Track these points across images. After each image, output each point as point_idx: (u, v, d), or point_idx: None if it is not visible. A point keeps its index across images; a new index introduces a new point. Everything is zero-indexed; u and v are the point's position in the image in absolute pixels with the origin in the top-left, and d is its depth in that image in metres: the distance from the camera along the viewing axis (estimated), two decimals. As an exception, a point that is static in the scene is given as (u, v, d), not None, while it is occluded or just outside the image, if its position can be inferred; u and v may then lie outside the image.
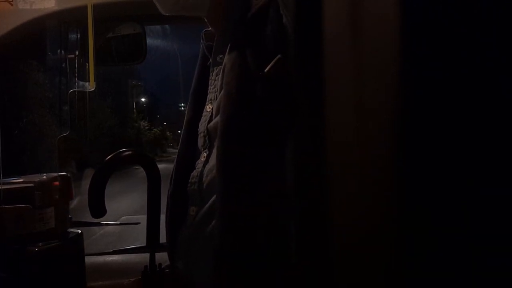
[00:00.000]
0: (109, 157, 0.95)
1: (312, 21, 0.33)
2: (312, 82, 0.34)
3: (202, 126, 0.89)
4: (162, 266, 0.95)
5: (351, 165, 0.30)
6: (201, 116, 0.91)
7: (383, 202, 0.27)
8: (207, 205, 0.82)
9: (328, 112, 0.31)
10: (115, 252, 1.62)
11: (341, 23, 0.30)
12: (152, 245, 0.96)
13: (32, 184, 1.11)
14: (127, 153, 0.96)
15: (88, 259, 1.32)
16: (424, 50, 0.25)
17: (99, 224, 2.50)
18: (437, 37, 0.25)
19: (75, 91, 1.53)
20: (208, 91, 0.91)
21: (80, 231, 1.20)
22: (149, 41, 1.52)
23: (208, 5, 0.88)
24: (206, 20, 0.94)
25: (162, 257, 0.98)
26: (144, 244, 1.38)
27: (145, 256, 1.54)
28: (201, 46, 0.97)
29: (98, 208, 0.93)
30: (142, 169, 1.01)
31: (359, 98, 0.29)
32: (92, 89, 1.36)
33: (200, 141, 0.89)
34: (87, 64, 1.43)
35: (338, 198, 0.31)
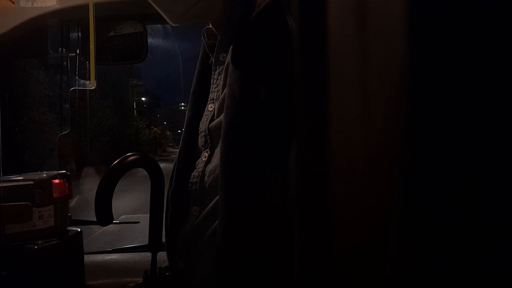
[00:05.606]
0: (115, 162, 0.94)
1: (317, 19, 0.33)
2: (317, 81, 0.34)
3: (203, 126, 0.88)
4: (162, 269, 0.94)
5: (356, 164, 0.30)
6: (202, 115, 0.90)
7: (388, 202, 0.27)
8: (209, 205, 0.81)
9: (333, 111, 0.31)
10: (114, 251, 1.62)
11: (347, 21, 0.30)
12: (154, 247, 0.95)
13: (32, 182, 1.11)
14: (132, 157, 0.95)
15: (87, 258, 1.32)
16: (431, 47, 0.25)
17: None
18: (443, 34, 0.25)
19: (76, 89, 1.53)
20: (210, 90, 0.90)
21: (79, 230, 1.21)
22: (150, 40, 1.52)
23: (219, 10, 0.86)
24: (211, 25, 0.92)
25: (161, 257, 0.97)
26: (143, 243, 1.38)
27: (144, 255, 1.54)
28: (202, 44, 0.95)
29: (105, 216, 0.92)
30: (141, 168, 0.99)
31: (365, 97, 0.29)
32: (92, 88, 1.36)
33: (201, 141, 0.88)
34: (88, 62, 1.43)
35: (342, 198, 0.31)
